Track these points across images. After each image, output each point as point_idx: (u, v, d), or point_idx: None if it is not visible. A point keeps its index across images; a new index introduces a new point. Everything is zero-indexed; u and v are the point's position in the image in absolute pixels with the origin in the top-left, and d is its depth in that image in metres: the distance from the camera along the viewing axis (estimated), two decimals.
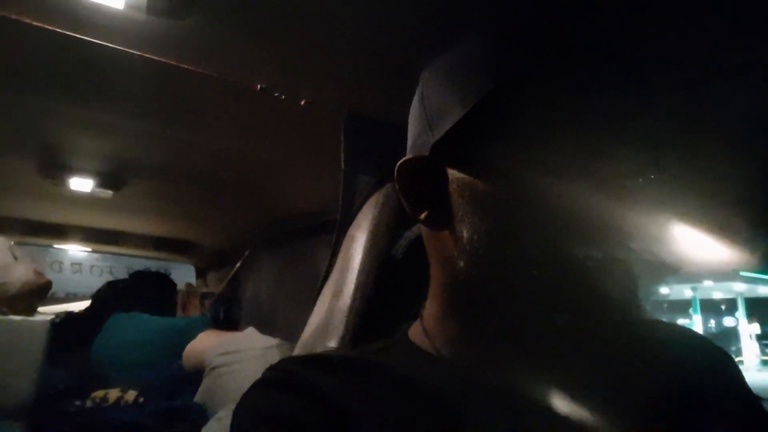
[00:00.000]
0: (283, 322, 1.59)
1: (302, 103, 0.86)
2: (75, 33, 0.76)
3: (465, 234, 0.51)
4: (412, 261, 0.69)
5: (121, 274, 2.26)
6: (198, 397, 1.21)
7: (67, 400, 1.36)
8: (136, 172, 1.50)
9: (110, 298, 1.92)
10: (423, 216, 0.55)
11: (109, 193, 1.59)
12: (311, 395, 0.52)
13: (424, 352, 0.57)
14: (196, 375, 1.29)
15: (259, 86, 0.83)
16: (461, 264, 0.52)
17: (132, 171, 1.49)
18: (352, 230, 0.80)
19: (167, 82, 0.91)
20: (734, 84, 0.83)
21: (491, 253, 0.50)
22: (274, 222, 1.85)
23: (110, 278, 2.19)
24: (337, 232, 0.81)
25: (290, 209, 1.70)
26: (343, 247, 0.80)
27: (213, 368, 1.17)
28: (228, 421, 0.99)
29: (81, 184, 1.54)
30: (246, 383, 1.08)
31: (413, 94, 0.60)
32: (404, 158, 0.56)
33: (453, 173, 0.54)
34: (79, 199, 1.74)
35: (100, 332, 1.65)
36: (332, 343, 0.71)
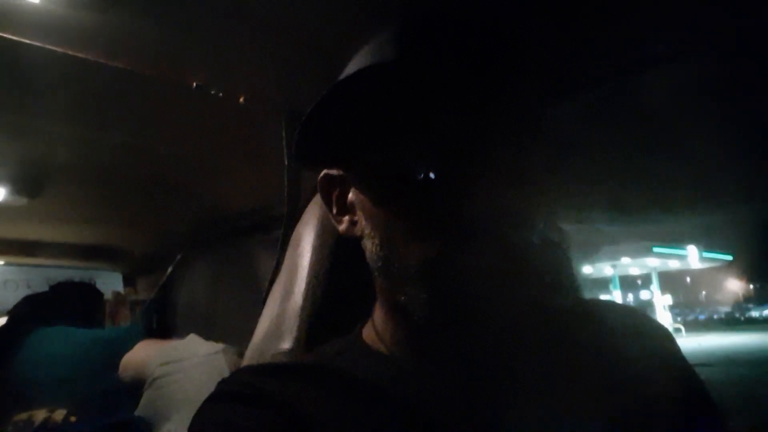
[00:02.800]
0: (223, 327, 1.54)
1: (240, 100, 0.84)
2: None
3: (368, 247, 0.54)
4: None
5: (41, 287, 2.12)
6: (140, 411, 1.15)
7: None
8: (54, 177, 1.41)
9: (29, 314, 1.79)
10: (341, 228, 0.58)
11: (24, 200, 1.48)
12: (270, 405, 0.51)
13: (377, 353, 0.57)
14: (135, 388, 1.23)
15: (194, 84, 0.80)
16: (375, 274, 0.55)
17: (50, 176, 1.39)
18: (299, 228, 0.78)
19: (90, 80, 0.85)
20: (645, 77, 0.88)
21: (386, 269, 0.52)
22: (208, 223, 1.79)
23: (28, 292, 2.04)
24: (284, 230, 0.79)
25: (225, 208, 1.65)
26: (291, 246, 0.78)
27: (155, 379, 1.12)
28: None
29: None
30: (191, 392, 1.05)
31: None
32: (323, 172, 0.60)
33: (355, 184, 0.57)
34: None
35: (19, 350, 1.54)
36: (286, 346, 0.70)
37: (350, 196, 0.58)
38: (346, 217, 0.58)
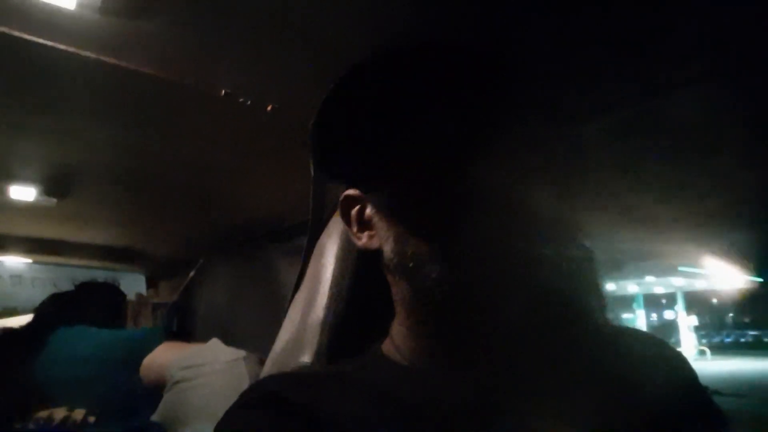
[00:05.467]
0: (242, 333, 1.55)
1: (268, 108, 0.84)
2: (22, 33, 0.71)
3: (386, 255, 0.56)
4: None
5: (66, 285, 2.15)
6: (158, 415, 1.15)
7: (6, 422, 1.28)
8: (83, 179, 1.43)
9: (54, 312, 1.81)
10: (361, 243, 0.60)
11: (53, 201, 1.50)
12: (296, 415, 0.51)
13: (398, 365, 0.57)
14: (155, 391, 1.23)
15: (223, 91, 0.80)
16: (403, 283, 0.55)
17: (79, 178, 1.41)
18: (322, 239, 0.77)
19: (121, 85, 0.86)
20: (677, 97, 0.86)
21: (403, 269, 0.54)
22: (231, 229, 1.80)
23: (54, 290, 2.08)
24: (308, 241, 0.79)
25: (248, 216, 1.66)
26: (314, 257, 0.77)
27: (175, 383, 1.12)
28: None
29: (23, 192, 1.45)
30: (211, 398, 1.04)
31: None
32: (344, 193, 0.62)
33: (369, 202, 0.60)
34: (20, 207, 1.64)
35: (43, 348, 1.56)
36: (306, 358, 0.69)
37: (368, 211, 0.60)
38: (365, 233, 0.60)
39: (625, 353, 0.57)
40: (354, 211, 0.62)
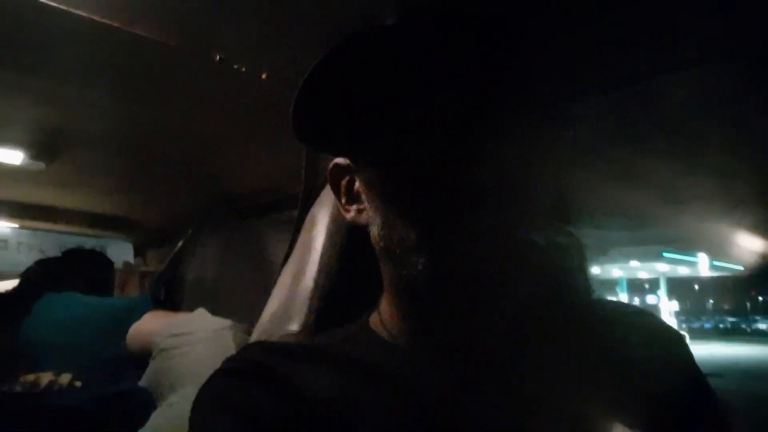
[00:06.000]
0: (230, 303, 1.55)
1: (263, 76, 0.82)
2: None
3: (372, 231, 0.55)
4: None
5: (53, 251, 2.14)
6: (144, 381, 1.16)
7: None
8: (72, 144, 1.41)
9: (41, 277, 1.80)
10: (349, 216, 0.59)
11: (41, 165, 1.48)
12: (276, 385, 0.51)
13: (382, 340, 0.57)
14: (141, 358, 1.23)
15: (218, 57, 0.79)
16: (388, 266, 0.55)
17: (68, 143, 1.39)
18: (314, 210, 0.77)
19: (114, 47, 0.84)
20: (673, 79, 0.86)
21: (389, 249, 0.53)
22: (221, 199, 1.79)
23: (40, 256, 2.06)
24: (299, 211, 0.79)
25: (239, 186, 1.65)
26: (305, 228, 0.77)
27: (162, 350, 1.12)
28: (181, 407, 0.96)
29: (10, 155, 1.43)
30: (197, 366, 1.05)
31: None
32: (333, 161, 0.60)
33: (361, 172, 0.57)
34: (7, 171, 1.62)
35: (29, 313, 1.56)
36: (294, 327, 0.70)
37: (357, 184, 0.59)
38: (354, 206, 0.59)
39: (616, 327, 0.57)
40: (343, 182, 0.60)
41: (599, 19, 0.66)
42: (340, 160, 0.60)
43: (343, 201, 0.60)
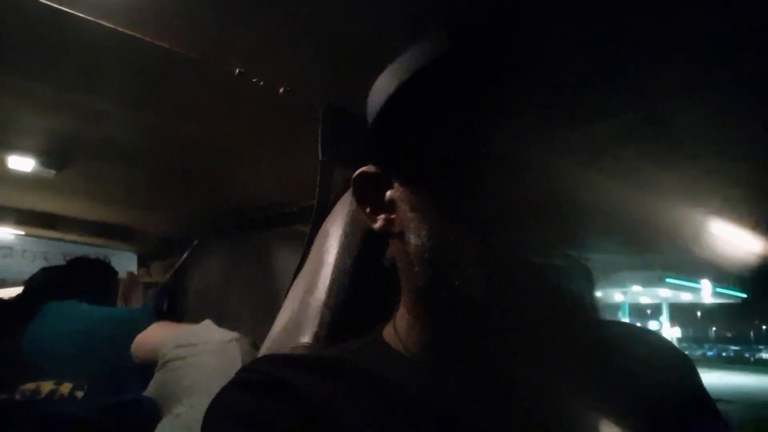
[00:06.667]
0: (234, 316, 1.54)
1: (280, 91, 0.83)
2: None
3: (412, 241, 0.54)
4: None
5: (57, 260, 2.14)
6: (149, 392, 1.15)
7: None
8: (82, 153, 1.42)
9: (45, 286, 1.80)
10: (377, 225, 0.58)
11: (52, 172, 1.49)
12: (288, 396, 0.51)
13: (396, 354, 0.57)
14: (146, 368, 1.23)
15: (237, 70, 0.80)
16: (416, 270, 0.54)
17: (78, 151, 1.40)
18: (326, 224, 0.78)
19: (133, 57, 0.85)
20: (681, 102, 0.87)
21: (437, 259, 0.52)
22: (228, 212, 1.80)
23: (45, 264, 2.07)
24: (312, 225, 0.79)
25: (247, 199, 1.65)
26: (317, 242, 0.77)
27: (167, 361, 1.12)
28: (188, 418, 0.95)
29: (21, 162, 1.43)
30: (203, 377, 1.04)
31: None
32: (359, 170, 0.60)
33: (397, 182, 0.57)
34: (14, 179, 1.62)
35: (32, 321, 1.55)
36: (305, 340, 0.69)
37: (389, 193, 0.58)
38: (383, 215, 0.58)
39: (626, 349, 0.57)
40: (372, 191, 0.59)
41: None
42: (368, 168, 0.60)
43: (369, 210, 0.59)
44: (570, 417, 0.48)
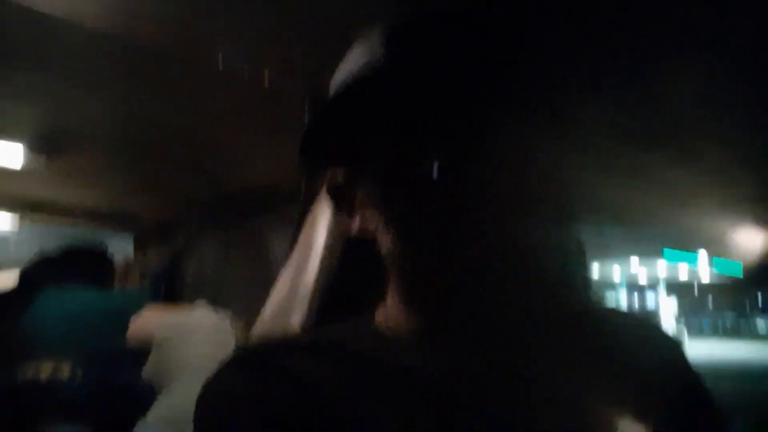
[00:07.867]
0: (229, 299, 1.56)
1: (265, 78, 0.83)
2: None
3: (385, 238, 0.53)
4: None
5: (53, 246, 2.14)
6: (145, 374, 1.17)
7: None
8: (76, 140, 1.42)
9: (41, 272, 1.81)
10: (353, 227, 0.57)
11: (43, 160, 1.48)
12: (282, 377, 0.51)
13: (389, 335, 0.57)
14: (142, 351, 1.24)
15: (221, 58, 0.79)
16: (398, 259, 0.54)
17: (71, 138, 1.40)
18: (316, 207, 0.78)
19: (117, 49, 0.84)
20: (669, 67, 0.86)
21: (416, 249, 0.52)
22: (222, 197, 1.80)
23: (40, 251, 2.07)
24: (301, 209, 0.79)
25: (240, 183, 1.65)
26: (306, 226, 0.78)
27: (162, 343, 1.13)
28: (182, 399, 0.97)
29: (12, 149, 1.43)
30: (197, 359, 1.06)
31: None
32: (330, 172, 0.58)
33: (365, 183, 0.56)
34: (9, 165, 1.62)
35: (29, 308, 1.56)
36: (295, 320, 0.70)
37: (360, 195, 0.57)
38: (357, 217, 0.57)
39: (612, 335, 0.57)
40: (344, 193, 0.58)
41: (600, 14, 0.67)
42: (339, 170, 0.59)
43: (344, 212, 0.59)
44: (558, 399, 0.49)
